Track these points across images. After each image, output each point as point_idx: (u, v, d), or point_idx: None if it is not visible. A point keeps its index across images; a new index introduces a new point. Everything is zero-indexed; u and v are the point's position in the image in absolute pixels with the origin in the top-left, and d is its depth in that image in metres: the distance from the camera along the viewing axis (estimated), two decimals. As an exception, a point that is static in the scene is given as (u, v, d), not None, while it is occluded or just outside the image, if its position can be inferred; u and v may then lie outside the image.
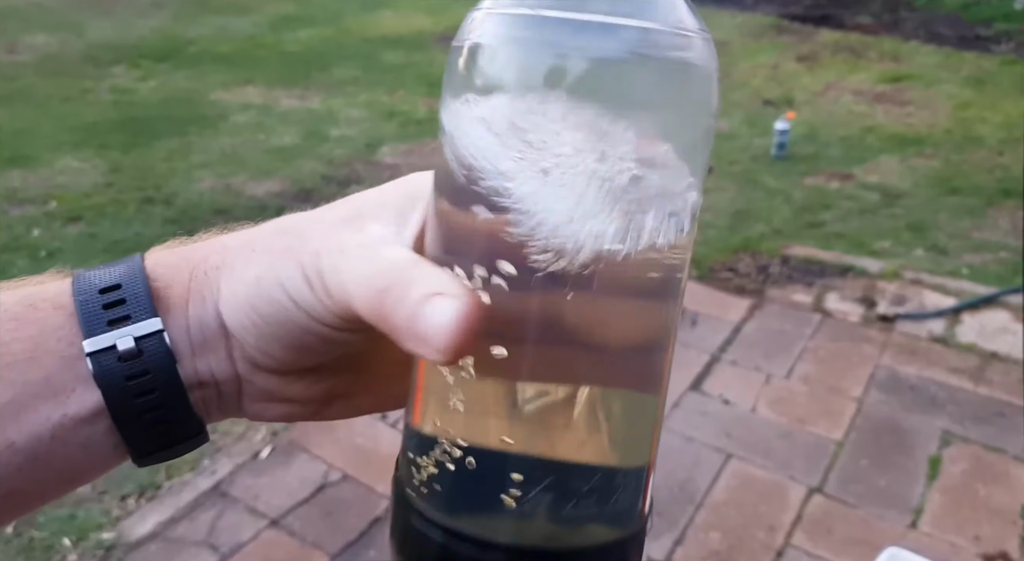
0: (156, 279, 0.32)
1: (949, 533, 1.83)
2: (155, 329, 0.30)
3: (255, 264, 0.30)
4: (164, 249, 0.34)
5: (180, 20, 6.92)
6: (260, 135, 4.49)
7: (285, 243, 0.30)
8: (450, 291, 0.24)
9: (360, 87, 5.29)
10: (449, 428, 0.26)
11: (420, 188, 0.31)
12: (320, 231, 0.30)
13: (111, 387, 0.29)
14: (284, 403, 0.33)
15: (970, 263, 2.98)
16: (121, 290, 0.31)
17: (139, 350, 0.29)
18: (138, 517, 1.94)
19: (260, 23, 6.90)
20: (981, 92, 4.85)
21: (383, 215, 0.30)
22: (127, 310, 0.30)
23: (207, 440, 0.32)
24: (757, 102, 4.75)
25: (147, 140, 4.40)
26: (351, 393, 0.35)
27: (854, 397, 2.27)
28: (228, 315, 0.30)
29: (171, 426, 0.30)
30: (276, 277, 0.29)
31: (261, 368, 0.31)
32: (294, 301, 0.29)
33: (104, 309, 0.30)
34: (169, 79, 5.46)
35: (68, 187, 3.81)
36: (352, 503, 1.97)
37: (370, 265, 0.27)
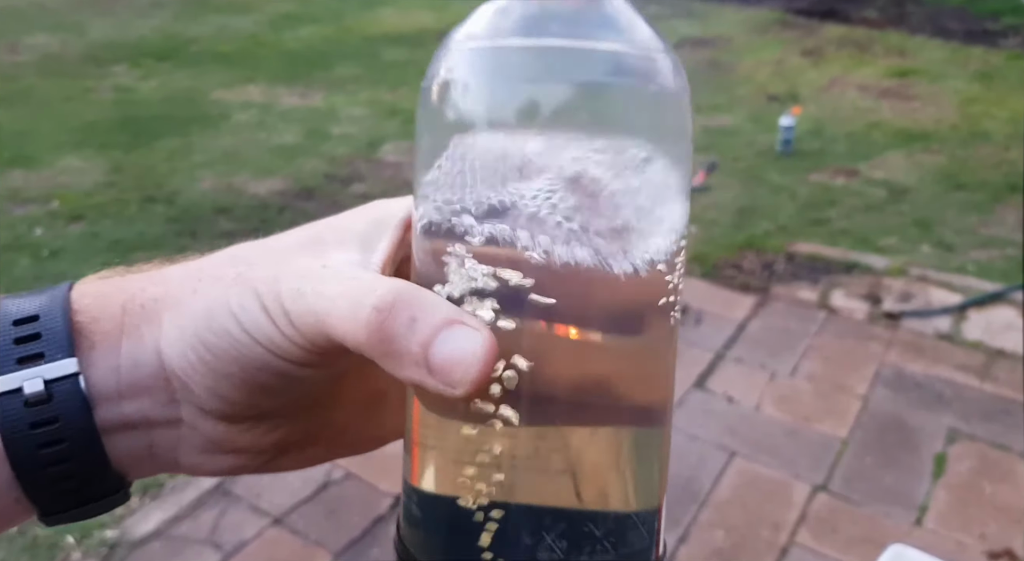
0: (81, 311, 0.28)
1: (954, 531, 1.82)
2: (69, 372, 0.26)
3: (203, 295, 0.27)
4: (96, 279, 0.31)
5: (181, 19, 6.93)
6: (262, 134, 4.49)
7: (236, 271, 0.28)
8: (468, 321, 0.23)
9: (362, 85, 5.29)
10: (459, 484, 0.25)
11: (387, 214, 0.29)
12: (274, 258, 0.28)
13: (14, 435, 0.26)
14: (230, 454, 0.30)
15: (976, 259, 2.96)
16: (37, 323, 0.27)
17: (48, 394, 0.26)
18: (141, 515, 1.95)
19: (261, 22, 6.90)
20: (988, 87, 4.82)
21: (346, 241, 0.28)
22: (41, 347, 0.27)
23: (127, 499, 0.29)
24: (762, 98, 4.73)
25: (148, 139, 4.40)
26: (304, 442, 0.32)
27: (859, 395, 2.26)
28: (171, 352, 0.27)
29: (82, 482, 0.27)
30: (227, 307, 0.26)
31: (209, 413, 0.28)
32: (248, 333, 0.26)
33: (15, 344, 0.27)
34: (170, 78, 5.47)
35: (70, 186, 3.81)
36: (355, 501, 1.97)
37: (355, 287, 0.24)
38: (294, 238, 0.29)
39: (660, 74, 0.24)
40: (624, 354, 0.25)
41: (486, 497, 0.24)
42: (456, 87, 0.25)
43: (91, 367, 0.27)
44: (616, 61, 0.24)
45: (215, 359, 0.27)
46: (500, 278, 0.23)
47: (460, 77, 0.25)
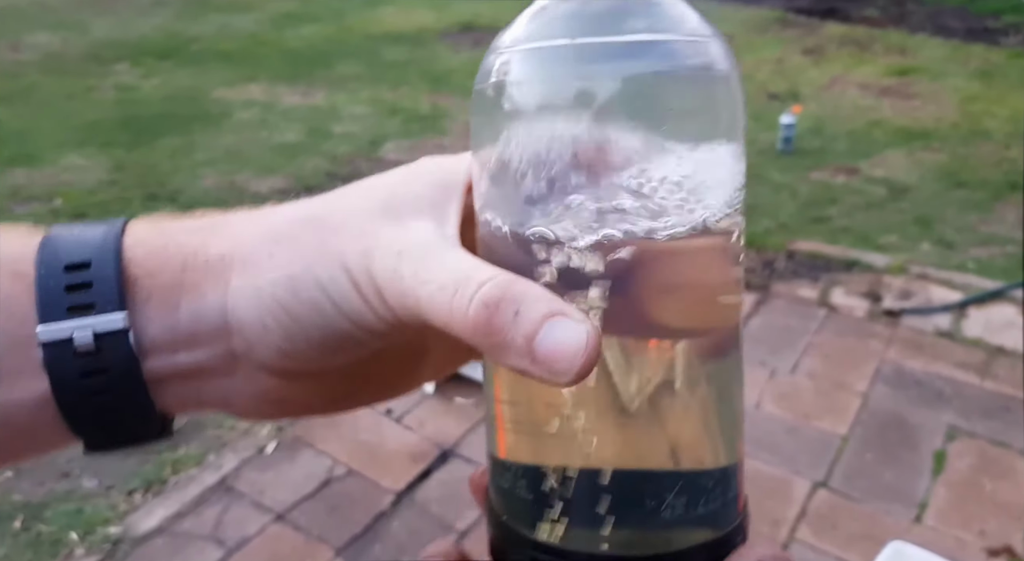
0: (135, 263, 0.28)
1: (954, 527, 1.83)
2: (119, 327, 0.26)
3: (284, 261, 0.27)
4: (149, 226, 0.30)
5: (182, 18, 6.94)
6: (263, 132, 4.50)
7: (318, 237, 0.27)
8: (571, 313, 0.23)
9: (363, 84, 5.29)
10: (549, 453, 0.26)
11: (449, 178, 0.29)
12: (356, 226, 0.27)
13: (62, 381, 0.26)
14: (278, 403, 0.31)
15: (977, 257, 2.97)
16: (89, 271, 0.27)
17: (98, 347, 0.26)
18: (144, 511, 1.96)
19: (262, 20, 6.91)
20: (989, 85, 4.82)
21: (420, 209, 0.28)
22: (92, 297, 0.27)
23: (170, 436, 0.30)
24: (763, 96, 4.74)
25: (151, 138, 4.41)
26: (350, 393, 0.33)
27: (859, 392, 2.27)
28: (243, 313, 0.27)
29: (128, 426, 0.28)
30: (315, 279, 0.26)
31: (270, 369, 0.29)
32: (337, 305, 0.26)
33: (66, 291, 0.27)
34: (172, 77, 5.48)
35: (73, 184, 3.82)
36: (357, 498, 1.98)
37: (456, 276, 0.24)
38: (365, 201, 0.29)
39: (712, 57, 0.26)
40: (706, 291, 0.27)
41: (597, 463, 0.25)
42: (524, 86, 0.25)
43: (146, 319, 0.27)
44: (673, 50, 0.25)
45: (295, 324, 0.27)
46: (594, 262, 0.24)
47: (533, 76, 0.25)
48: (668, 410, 0.26)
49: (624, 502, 0.25)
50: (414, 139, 4.35)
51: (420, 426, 2.22)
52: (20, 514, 1.97)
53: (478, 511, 2.06)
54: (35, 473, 2.10)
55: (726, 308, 0.27)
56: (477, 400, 2.30)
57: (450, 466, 2.08)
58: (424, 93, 5.07)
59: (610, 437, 0.25)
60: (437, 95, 5.04)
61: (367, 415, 2.26)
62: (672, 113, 0.25)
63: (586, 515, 0.25)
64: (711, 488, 0.27)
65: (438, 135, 4.39)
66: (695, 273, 0.26)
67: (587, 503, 0.25)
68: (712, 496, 0.27)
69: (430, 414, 2.26)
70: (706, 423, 0.27)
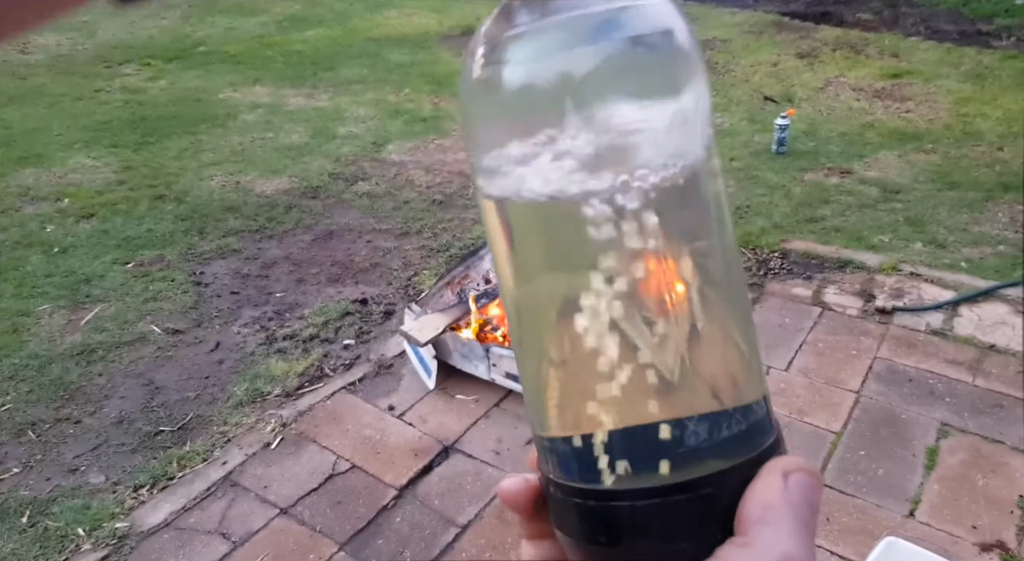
0: None
1: (946, 523, 1.85)
2: None
3: None
4: None
5: (189, 21, 6.97)
6: (268, 133, 4.54)
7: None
8: None
9: (366, 86, 5.33)
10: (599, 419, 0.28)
11: None
12: None
13: None
14: None
15: (969, 257, 2.99)
16: None
17: None
18: (151, 506, 1.99)
19: (268, 23, 6.94)
20: (981, 87, 4.84)
21: None
22: None
23: None
24: (758, 99, 4.77)
25: (158, 138, 4.45)
26: None
27: (852, 389, 2.30)
28: None
29: None
30: None
31: None
32: None
33: None
34: (179, 79, 5.52)
35: (80, 184, 3.86)
36: (360, 493, 2.02)
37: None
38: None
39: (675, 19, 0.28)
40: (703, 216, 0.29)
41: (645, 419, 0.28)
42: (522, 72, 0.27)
43: None
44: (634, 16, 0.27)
45: None
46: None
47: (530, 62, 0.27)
48: (699, 358, 0.28)
49: (675, 444, 0.27)
50: (416, 140, 4.39)
51: (422, 422, 2.25)
52: (27, 510, 2.01)
53: (479, 505, 2.11)
54: (43, 469, 2.15)
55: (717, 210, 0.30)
56: (478, 397, 2.34)
57: (451, 461, 2.11)
58: (426, 95, 5.11)
59: (652, 397, 0.28)
60: (439, 97, 5.08)
61: (370, 411, 2.30)
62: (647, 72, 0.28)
63: (643, 462, 0.27)
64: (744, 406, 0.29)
65: (439, 136, 4.43)
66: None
67: (641, 453, 0.27)
68: (747, 412, 0.29)
69: (432, 410, 2.30)
70: (736, 353, 0.29)
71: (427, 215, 3.51)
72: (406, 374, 2.46)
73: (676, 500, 0.27)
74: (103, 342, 2.66)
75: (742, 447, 0.28)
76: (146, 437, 2.25)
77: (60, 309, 2.85)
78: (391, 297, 2.90)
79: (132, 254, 3.24)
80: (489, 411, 2.28)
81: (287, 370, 2.48)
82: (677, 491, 0.27)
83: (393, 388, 2.40)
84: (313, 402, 2.34)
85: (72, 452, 2.20)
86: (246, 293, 2.96)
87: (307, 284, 3.01)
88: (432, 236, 3.34)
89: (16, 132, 4.54)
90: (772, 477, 0.26)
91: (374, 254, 3.22)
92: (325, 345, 2.63)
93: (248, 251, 3.26)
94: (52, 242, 3.31)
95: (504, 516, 1.93)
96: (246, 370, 2.51)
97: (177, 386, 2.46)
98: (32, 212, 3.59)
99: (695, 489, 0.27)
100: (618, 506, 0.28)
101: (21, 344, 2.65)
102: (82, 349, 2.62)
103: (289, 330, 2.71)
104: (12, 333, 2.71)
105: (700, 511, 0.27)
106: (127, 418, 2.32)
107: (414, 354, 2.47)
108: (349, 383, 2.42)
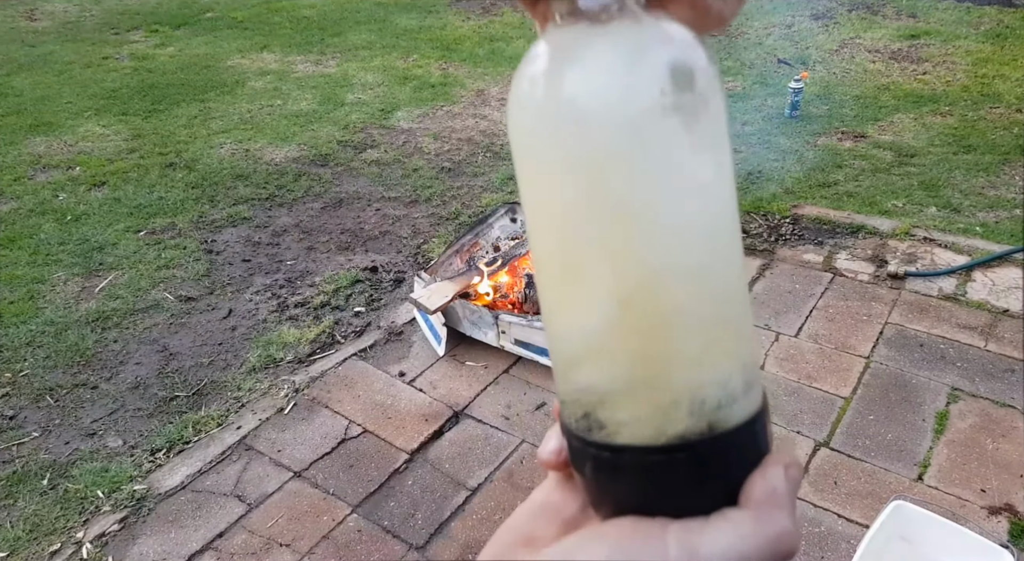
0: None
1: (955, 487, 1.86)
2: None
3: None
4: None
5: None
6: (277, 101, 4.52)
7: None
8: None
9: (374, 51, 5.28)
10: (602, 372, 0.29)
11: None
12: None
13: None
14: None
15: (984, 221, 2.95)
16: None
17: None
18: (168, 470, 2.03)
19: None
20: (1001, 47, 4.72)
21: None
22: None
23: None
24: (771, 61, 4.69)
25: (167, 106, 4.44)
26: None
27: (862, 355, 2.29)
28: None
29: None
30: None
31: None
32: None
33: None
34: (187, 45, 5.48)
35: (92, 153, 3.87)
36: (372, 456, 2.04)
37: None
38: None
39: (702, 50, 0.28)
40: None
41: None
42: None
43: None
44: None
45: None
46: None
47: None
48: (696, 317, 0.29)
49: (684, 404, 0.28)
50: (425, 106, 4.35)
51: (432, 388, 2.27)
52: (48, 472, 2.05)
53: (489, 469, 2.13)
54: (62, 433, 2.19)
55: None
56: (487, 363, 2.35)
57: (461, 426, 2.14)
58: (435, 61, 5.05)
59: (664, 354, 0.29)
60: (447, 63, 5.02)
61: (381, 377, 2.32)
62: None
63: (651, 420, 0.29)
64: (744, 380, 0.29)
65: (449, 103, 4.39)
66: None
67: (650, 411, 0.29)
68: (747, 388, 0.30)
69: (442, 377, 2.32)
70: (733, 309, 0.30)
71: (436, 183, 3.50)
72: (416, 341, 2.48)
73: (679, 458, 0.29)
74: (117, 309, 2.69)
75: (742, 409, 0.29)
76: (162, 402, 2.28)
77: (74, 276, 2.88)
78: (401, 265, 2.91)
79: (144, 222, 3.25)
80: (498, 377, 2.30)
81: (299, 337, 2.50)
82: (679, 450, 0.28)
83: (403, 355, 2.42)
84: (325, 368, 2.36)
85: (90, 417, 2.23)
86: (257, 261, 2.97)
87: (317, 252, 3.02)
88: (441, 204, 3.33)
89: (26, 100, 4.53)
90: (777, 467, 0.30)
91: (383, 222, 3.22)
92: (336, 312, 2.64)
93: (258, 219, 3.27)
94: (65, 210, 3.33)
95: (513, 480, 1.95)
96: (259, 337, 2.53)
97: (191, 352, 2.48)
98: (44, 180, 3.61)
99: (695, 448, 0.28)
100: (627, 460, 0.29)
101: (37, 311, 2.68)
102: (97, 316, 2.65)
103: (300, 297, 2.73)
104: (28, 300, 2.74)
105: (701, 471, 0.29)
106: (143, 384, 2.36)
107: (424, 321, 2.48)
108: (360, 350, 2.44)
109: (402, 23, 5.84)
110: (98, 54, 5.28)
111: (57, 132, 4.10)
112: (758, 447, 0.30)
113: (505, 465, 2.00)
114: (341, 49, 5.34)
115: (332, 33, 5.68)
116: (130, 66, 5.08)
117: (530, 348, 2.27)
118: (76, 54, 5.28)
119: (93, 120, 4.24)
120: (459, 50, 5.26)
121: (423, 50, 5.26)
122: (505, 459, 2.02)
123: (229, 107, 4.42)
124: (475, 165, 3.65)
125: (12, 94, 4.61)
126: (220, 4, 6.42)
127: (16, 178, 3.63)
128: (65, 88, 4.71)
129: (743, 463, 0.30)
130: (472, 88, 4.61)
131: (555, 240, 0.29)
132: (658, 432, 0.28)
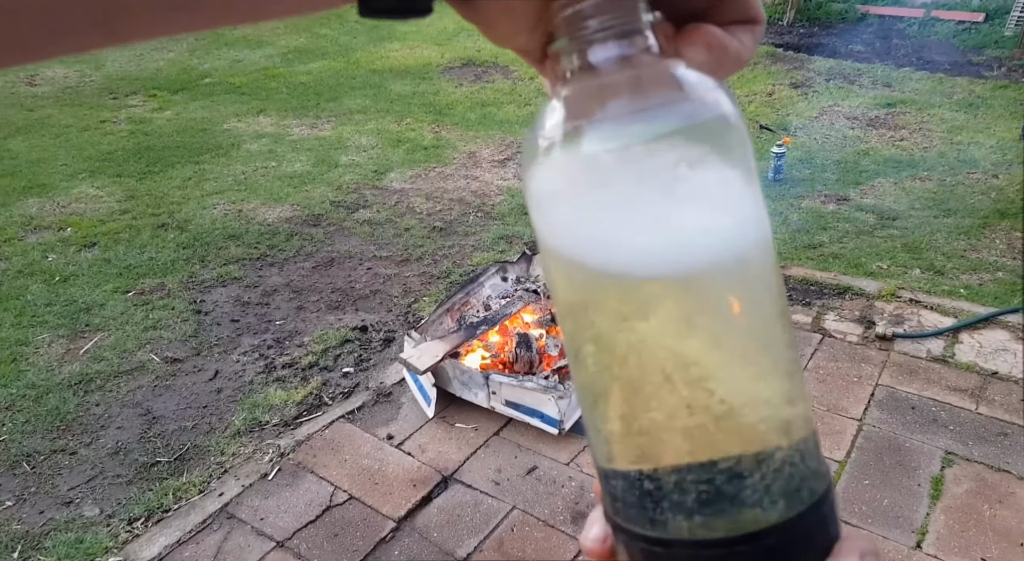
0: None
1: (954, 555, 1.82)
2: None
3: None
4: None
5: (195, 53, 7.07)
6: (272, 163, 4.58)
7: None
8: None
9: (369, 115, 5.38)
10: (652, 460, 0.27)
11: None
12: None
13: None
14: None
15: (967, 283, 2.99)
16: None
17: None
18: (145, 540, 1.96)
19: (272, 55, 7.04)
20: (974, 116, 4.88)
21: None
22: None
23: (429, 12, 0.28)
24: (754, 128, 4.80)
25: (162, 168, 4.49)
26: None
27: (855, 417, 2.28)
28: None
29: None
30: None
31: None
32: None
33: None
34: (184, 109, 5.57)
35: (84, 214, 3.88)
36: (358, 525, 1.99)
37: None
38: None
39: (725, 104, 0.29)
40: None
41: None
42: None
43: None
44: None
45: None
46: None
47: None
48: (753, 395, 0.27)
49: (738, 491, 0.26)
50: (417, 168, 4.42)
51: (421, 451, 2.23)
52: (19, 544, 1.98)
53: (479, 537, 2.08)
54: (36, 502, 2.12)
55: None
56: (478, 425, 2.32)
57: (450, 491, 2.09)
58: (427, 124, 5.15)
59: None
60: (440, 126, 5.12)
61: (368, 441, 2.28)
62: None
63: (683, 508, 0.27)
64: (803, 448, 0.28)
65: (441, 164, 4.46)
66: None
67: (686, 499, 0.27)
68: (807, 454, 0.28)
69: (431, 439, 2.28)
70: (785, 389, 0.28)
71: (427, 242, 3.53)
72: (405, 402, 2.45)
73: (739, 551, 0.26)
74: (101, 371, 2.65)
75: (803, 493, 0.27)
76: (142, 468, 2.23)
77: (59, 338, 2.85)
78: (391, 324, 2.90)
79: (133, 282, 3.24)
80: (489, 440, 2.27)
81: (286, 399, 2.47)
82: (741, 542, 0.26)
83: (392, 416, 2.39)
84: (311, 431, 2.32)
85: (67, 484, 2.18)
86: (246, 321, 2.96)
87: (307, 311, 3.01)
88: (432, 263, 3.35)
89: (22, 162, 4.57)
90: (852, 557, 0.27)
91: (374, 281, 3.22)
92: (324, 373, 2.62)
93: (249, 279, 3.27)
94: (53, 271, 3.32)
95: (504, 549, 1.90)
96: (244, 399, 2.49)
97: (175, 416, 2.44)
98: (34, 241, 3.61)
99: (759, 540, 0.26)
100: (681, 554, 0.27)
101: (19, 374, 2.64)
102: (80, 378, 2.61)
103: (288, 358, 2.71)
104: (11, 362, 2.70)
105: None
106: (123, 449, 2.31)
107: (413, 382, 2.46)
108: (348, 412, 2.40)
109: (396, 89, 5.98)
110: (96, 118, 5.35)
111: (50, 193, 4.12)
112: (828, 533, 0.28)
113: (495, 533, 1.95)
114: (336, 113, 5.45)
115: (328, 98, 5.80)
116: (127, 129, 5.15)
117: (521, 409, 2.24)
118: (74, 118, 5.35)
119: (87, 182, 4.27)
120: (451, 114, 5.37)
121: (416, 114, 5.37)
122: (495, 527, 1.97)
123: (224, 169, 4.47)
124: (466, 225, 3.68)
125: (8, 156, 4.65)
126: (219, 70, 6.57)
127: (6, 239, 3.62)
128: (61, 151, 4.76)
129: (812, 553, 0.27)
130: (464, 150, 4.69)
131: None
132: None
